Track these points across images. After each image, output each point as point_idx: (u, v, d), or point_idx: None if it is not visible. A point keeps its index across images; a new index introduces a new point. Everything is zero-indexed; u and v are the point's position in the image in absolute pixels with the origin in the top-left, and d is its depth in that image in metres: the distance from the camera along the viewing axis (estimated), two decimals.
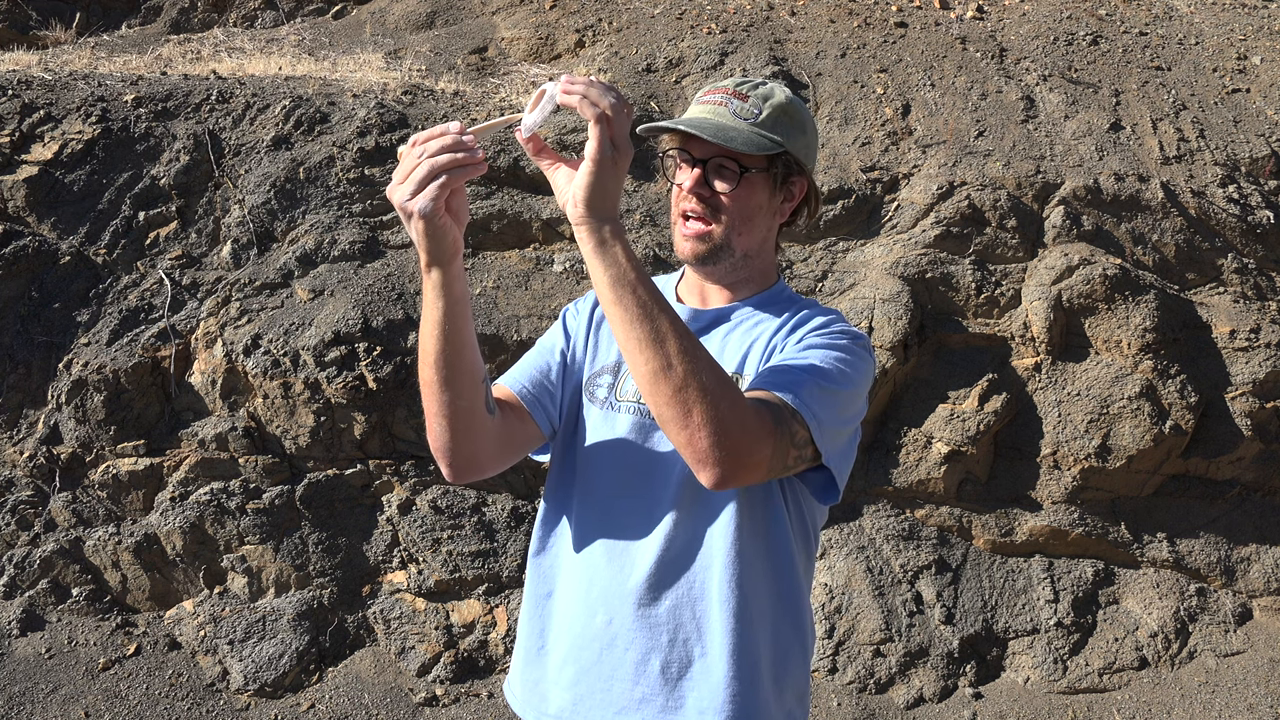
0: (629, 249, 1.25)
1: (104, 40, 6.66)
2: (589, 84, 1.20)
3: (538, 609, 1.56)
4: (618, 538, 1.47)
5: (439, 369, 1.32)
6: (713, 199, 1.46)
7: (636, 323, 1.22)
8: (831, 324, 1.48)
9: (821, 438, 1.33)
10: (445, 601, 4.03)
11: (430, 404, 1.36)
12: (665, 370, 1.20)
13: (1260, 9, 6.54)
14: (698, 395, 1.19)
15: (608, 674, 1.45)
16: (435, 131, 1.19)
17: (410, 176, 1.18)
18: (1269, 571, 4.23)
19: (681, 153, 1.49)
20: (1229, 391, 4.35)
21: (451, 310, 1.28)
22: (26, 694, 3.67)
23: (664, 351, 1.20)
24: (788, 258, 4.55)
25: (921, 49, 5.65)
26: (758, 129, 1.45)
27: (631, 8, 6.15)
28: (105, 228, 4.37)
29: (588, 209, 1.23)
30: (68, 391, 4.06)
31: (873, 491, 4.24)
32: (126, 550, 4.00)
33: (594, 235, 1.24)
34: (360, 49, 6.16)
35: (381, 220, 4.55)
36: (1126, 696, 3.93)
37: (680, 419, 1.20)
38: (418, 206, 1.17)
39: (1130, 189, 4.70)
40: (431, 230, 1.20)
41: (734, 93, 1.48)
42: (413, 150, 1.19)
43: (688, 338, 1.23)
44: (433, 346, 1.30)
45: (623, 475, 1.48)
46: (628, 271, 1.23)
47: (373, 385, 4.01)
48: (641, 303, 1.22)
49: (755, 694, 1.44)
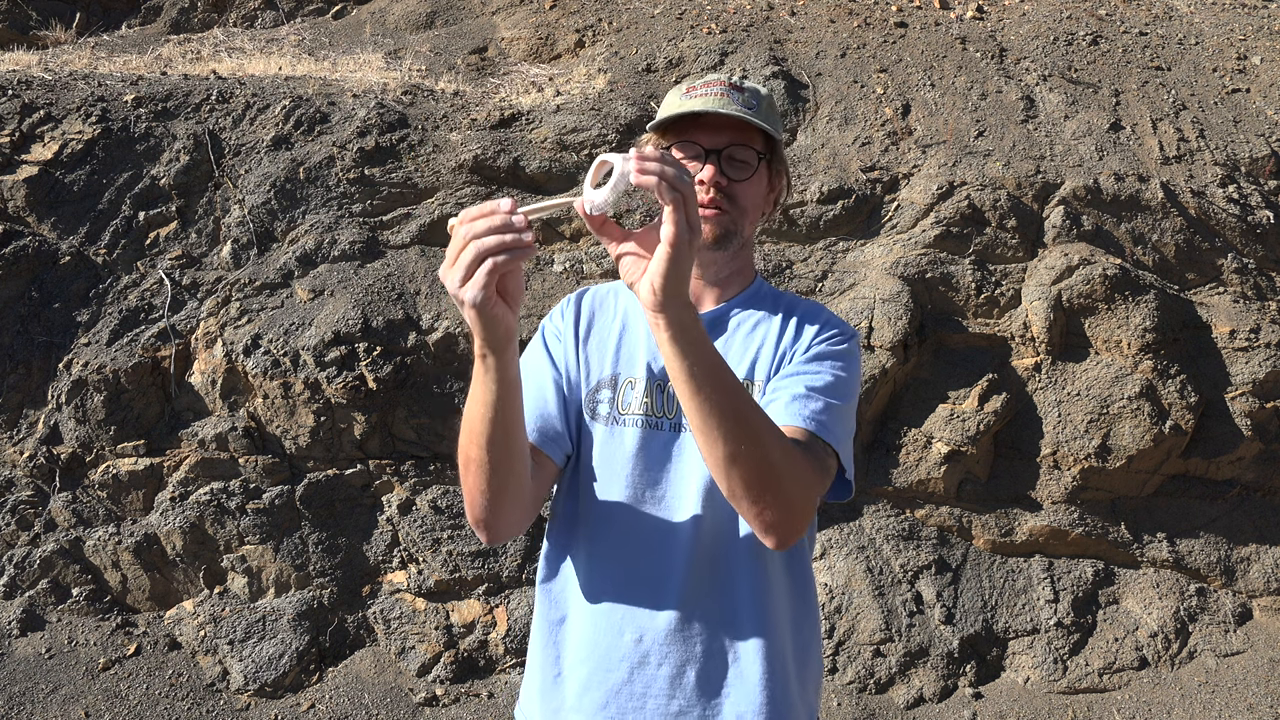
0: (704, 331, 1.20)
1: (104, 40, 6.66)
2: (662, 163, 1.12)
3: (551, 635, 1.53)
4: (640, 554, 1.45)
5: (488, 450, 1.26)
6: (728, 188, 1.46)
7: (718, 411, 1.19)
8: (828, 327, 1.50)
9: (843, 455, 1.39)
10: (445, 601, 4.03)
11: (474, 481, 1.31)
12: (744, 453, 1.19)
13: (1260, 9, 6.54)
14: (772, 474, 1.21)
15: (640, 692, 1.44)
16: (484, 209, 1.10)
17: (459, 260, 1.10)
18: (1269, 571, 4.23)
19: (689, 145, 1.47)
20: (1229, 391, 4.35)
21: (504, 394, 1.22)
22: (26, 694, 3.67)
23: (742, 434, 1.19)
24: (787, 258, 4.55)
25: (921, 49, 5.65)
26: (761, 117, 1.46)
27: (631, 8, 6.15)
28: (105, 228, 4.37)
29: (668, 297, 1.15)
30: (68, 391, 4.06)
31: (873, 491, 4.24)
32: (126, 550, 4.00)
33: (674, 324, 1.16)
34: (360, 49, 6.17)
35: (381, 220, 4.55)
36: (1126, 696, 3.93)
37: (754, 496, 1.22)
38: (468, 296, 1.09)
39: (1130, 189, 4.70)
40: (485, 318, 1.12)
41: (730, 84, 1.47)
42: (460, 229, 1.11)
43: (758, 412, 1.22)
44: (482, 429, 1.25)
45: (636, 490, 1.46)
46: (708, 355, 1.19)
47: (373, 385, 4.01)
48: (723, 388, 1.19)
49: (787, 692, 1.45)
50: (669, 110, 1.47)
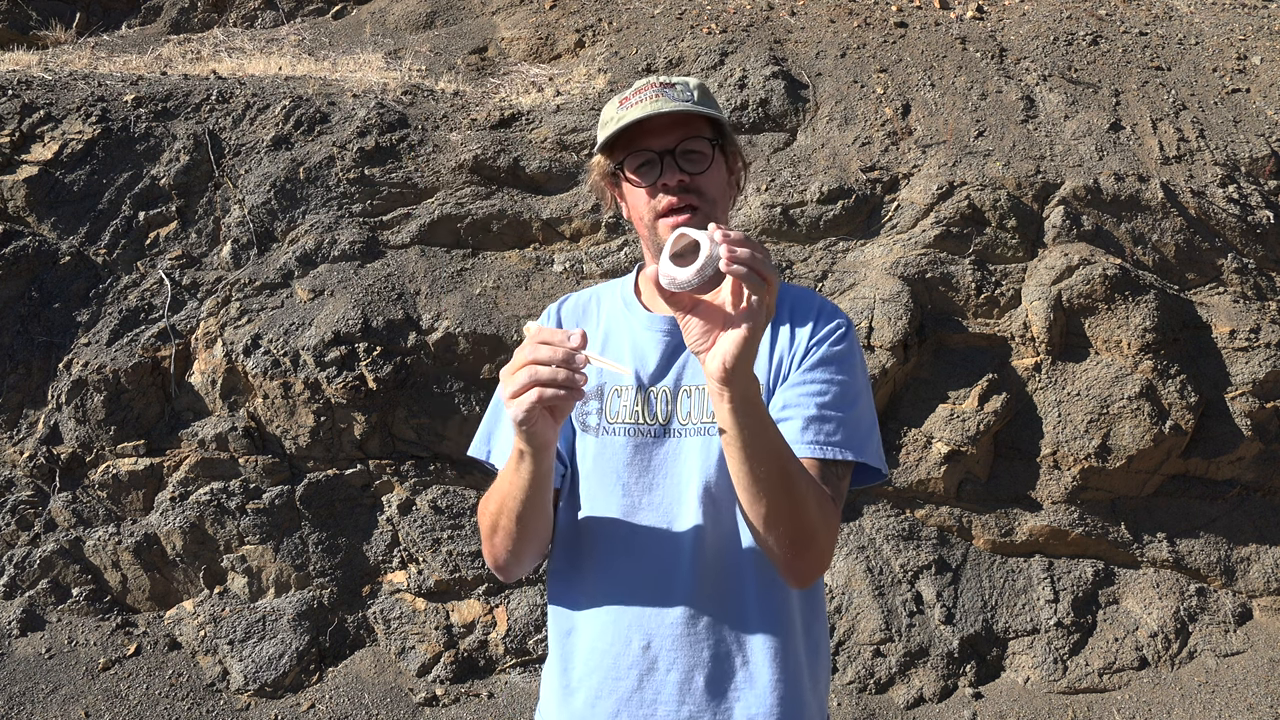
0: (762, 402, 1.24)
1: (104, 40, 6.66)
2: (750, 249, 1.12)
3: (561, 647, 1.53)
4: (643, 560, 1.44)
5: (517, 523, 1.36)
6: (691, 184, 1.45)
7: (768, 478, 1.23)
8: (823, 323, 1.47)
9: (868, 454, 1.41)
10: (445, 601, 4.03)
11: (502, 542, 1.40)
12: (786, 514, 1.26)
13: (1260, 9, 6.54)
14: (810, 530, 1.28)
15: (650, 699, 1.43)
16: (558, 337, 1.17)
17: (515, 377, 1.17)
18: (1269, 571, 4.23)
19: (640, 154, 1.46)
20: (1229, 391, 4.35)
21: (540, 483, 1.31)
22: (26, 694, 3.67)
23: (786, 499, 1.25)
24: (787, 258, 4.56)
25: (921, 49, 5.65)
26: (700, 107, 1.45)
27: (631, 8, 6.15)
28: (105, 228, 4.37)
29: (737, 373, 1.18)
30: (68, 391, 4.06)
31: (873, 491, 4.24)
32: (126, 550, 4.00)
33: (738, 396, 1.20)
34: (360, 49, 6.17)
35: (381, 220, 4.55)
36: (1126, 696, 3.93)
37: (790, 549, 1.29)
38: (511, 413, 1.19)
39: (1130, 189, 4.70)
40: (524, 433, 1.22)
41: (660, 84, 1.46)
42: (527, 347, 1.18)
43: (803, 474, 1.28)
44: (515, 507, 1.35)
45: (633, 497, 1.45)
46: (766, 426, 1.23)
47: (373, 385, 4.01)
48: (776, 455, 1.24)
49: (799, 694, 1.45)
50: (610, 126, 1.46)
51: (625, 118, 1.43)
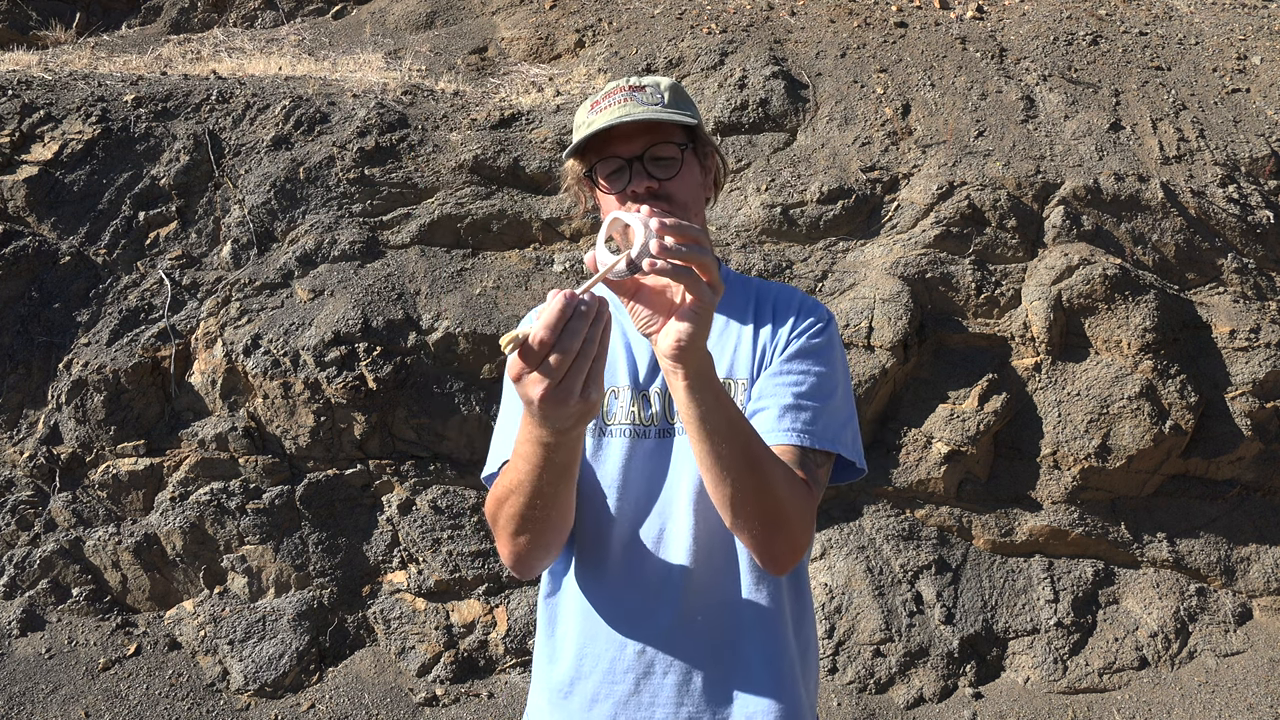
0: (718, 379, 1.23)
1: (104, 40, 6.67)
2: (684, 236, 1.10)
3: (555, 650, 1.52)
4: (637, 563, 1.44)
5: (550, 509, 1.30)
6: (660, 190, 1.45)
7: (730, 455, 1.22)
8: (803, 316, 1.48)
9: (843, 446, 1.40)
10: (445, 601, 4.03)
11: (533, 536, 1.33)
12: (753, 494, 1.24)
13: (1260, 9, 6.54)
14: (779, 511, 1.27)
15: (648, 702, 1.43)
16: (551, 316, 1.07)
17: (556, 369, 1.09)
18: (1269, 571, 4.23)
19: (609, 161, 1.45)
20: (1229, 391, 4.35)
21: (575, 459, 1.26)
22: (26, 694, 3.67)
23: (751, 477, 1.24)
24: (787, 258, 4.55)
25: (921, 49, 5.65)
26: (670, 110, 1.45)
27: (631, 8, 6.15)
28: (105, 228, 4.37)
29: (690, 350, 1.16)
30: (68, 391, 4.06)
31: (873, 491, 4.24)
32: (126, 550, 4.00)
33: (693, 373, 1.18)
34: (360, 49, 6.17)
35: (381, 220, 4.55)
36: (1126, 696, 3.93)
37: (760, 532, 1.28)
38: (575, 409, 1.12)
39: (1130, 189, 4.70)
40: (587, 411, 1.17)
41: (630, 88, 1.46)
42: (534, 340, 1.07)
43: (767, 453, 1.27)
44: (551, 491, 1.27)
45: (628, 499, 1.45)
46: (723, 403, 1.22)
47: (373, 385, 4.01)
48: (736, 433, 1.23)
49: (794, 692, 1.45)
50: (580, 131, 1.46)
51: (594, 124, 1.43)
